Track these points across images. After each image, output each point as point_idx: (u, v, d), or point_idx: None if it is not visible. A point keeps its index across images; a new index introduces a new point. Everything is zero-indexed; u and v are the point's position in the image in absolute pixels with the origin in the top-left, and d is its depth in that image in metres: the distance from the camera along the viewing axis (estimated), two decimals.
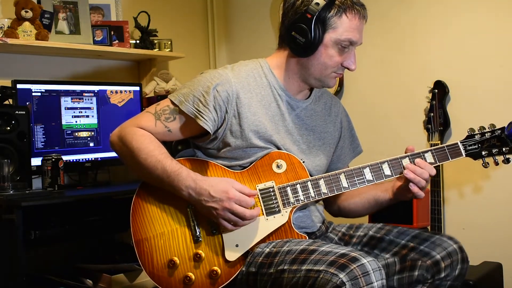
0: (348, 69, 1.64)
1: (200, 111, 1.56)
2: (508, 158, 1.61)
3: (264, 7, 3.30)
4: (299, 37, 1.56)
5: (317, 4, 1.54)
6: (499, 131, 1.60)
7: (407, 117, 2.67)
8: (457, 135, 2.42)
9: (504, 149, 1.60)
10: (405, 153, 1.62)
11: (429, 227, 2.38)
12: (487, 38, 2.43)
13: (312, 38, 1.55)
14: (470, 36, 2.48)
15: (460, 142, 1.61)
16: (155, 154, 1.55)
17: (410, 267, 1.57)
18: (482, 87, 2.44)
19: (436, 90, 2.38)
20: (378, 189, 1.72)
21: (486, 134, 1.61)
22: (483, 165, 1.62)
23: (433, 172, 1.58)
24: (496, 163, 1.62)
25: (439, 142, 2.37)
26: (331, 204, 1.84)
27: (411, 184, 1.58)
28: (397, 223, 2.31)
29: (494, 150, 1.60)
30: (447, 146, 1.61)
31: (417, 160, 1.59)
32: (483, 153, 1.61)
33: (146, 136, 1.59)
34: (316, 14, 1.54)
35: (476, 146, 1.61)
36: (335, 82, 1.68)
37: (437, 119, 2.37)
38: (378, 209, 1.76)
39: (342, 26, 1.57)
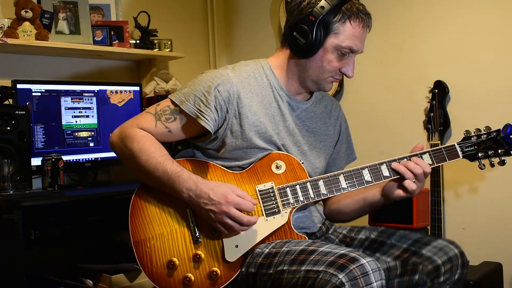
0: (346, 75, 1.64)
1: (201, 111, 1.56)
2: (504, 160, 1.61)
3: (264, 7, 3.30)
4: (300, 38, 1.56)
5: (322, 7, 1.53)
6: (494, 133, 1.60)
7: (407, 117, 2.67)
8: (457, 135, 2.42)
9: (499, 151, 1.60)
10: (412, 151, 1.62)
11: (429, 227, 2.38)
12: (487, 38, 2.43)
13: (313, 41, 1.55)
14: (470, 36, 2.48)
15: (457, 144, 1.62)
16: (156, 156, 1.54)
17: (411, 271, 1.57)
18: (482, 87, 2.44)
19: (436, 90, 2.38)
20: (368, 190, 1.71)
21: (482, 136, 1.61)
22: (479, 167, 1.62)
23: (428, 169, 1.57)
24: (492, 165, 1.62)
25: (439, 142, 2.37)
26: (325, 207, 1.83)
27: (405, 180, 1.57)
28: (397, 223, 2.32)
29: (490, 152, 1.61)
30: (444, 147, 1.61)
31: (413, 158, 1.59)
32: (479, 154, 1.61)
33: (147, 137, 1.58)
34: (320, 18, 1.54)
35: (473, 148, 1.61)
36: (331, 86, 1.68)
37: (437, 119, 2.37)
38: (369, 211, 1.75)
39: (345, 33, 1.56)
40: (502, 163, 1.61)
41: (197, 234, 1.56)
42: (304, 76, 1.64)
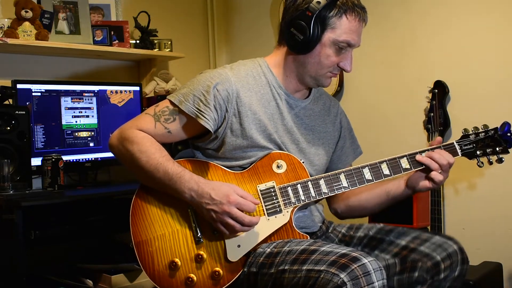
0: (344, 70, 1.65)
1: (201, 111, 1.56)
2: (502, 158, 1.63)
3: (264, 7, 3.30)
4: (298, 34, 1.57)
5: (318, 2, 1.55)
6: (492, 131, 1.62)
7: (407, 117, 2.67)
8: (457, 135, 2.38)
9: (497, 148, 1.62)
10: (431, 145, 1.64)
11: (429, 227, 2.38)
12: (486, 38, 2.43)
13: (310, 36, 1.56)
14: (470, 36, 2.48)
15: (456, 142, 1.63)
16: (156, 157, 1.54)
17: (410, 268, 1.57)
18: (482, 87, 2.45)
19: (436, 90, 2.38)
20: (390, 183, 1.71)
21: (480, 134, 1.63)
22: (478, 165, 1.64)
23: (452, 160, 1.60)
24: (490, 163, 1.64)
25: None
26: (337, 203, 1.82)
27: (431, 171, 1.58)
28: (397, 223, 2.31)
29: (488, 150, 1.62)
30: (443, 145, 1.63)
31: (436, 149, 1.61)
32: (478, 152, 1.63)
33: (146, 138, 1.58)
34: (316, 13, 1.54)
35: (471, 146, 1.63)
36: (330, 81, 1.69)
37: (437, 119, 2.37)
38: (392, 203, 1.75)
39: (341, 27, 1.57)
40: (500, 160, 1.63)
41: (199, 234, 1.56)
42: (302, 72, 1.65)
